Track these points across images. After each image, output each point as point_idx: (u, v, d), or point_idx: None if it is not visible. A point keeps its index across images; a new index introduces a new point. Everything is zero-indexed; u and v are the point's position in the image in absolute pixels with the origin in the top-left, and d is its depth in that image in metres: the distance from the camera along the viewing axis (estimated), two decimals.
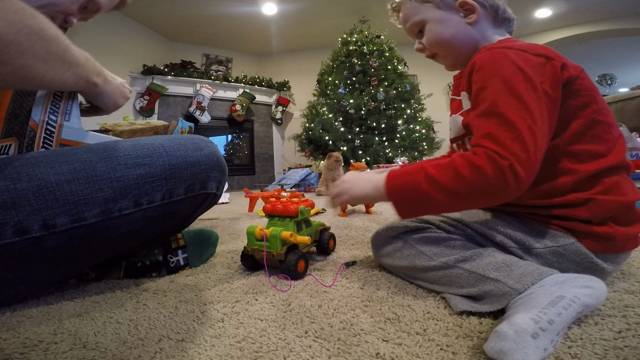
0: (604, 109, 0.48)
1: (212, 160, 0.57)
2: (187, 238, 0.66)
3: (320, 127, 3.38)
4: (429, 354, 0.32)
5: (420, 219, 0.55)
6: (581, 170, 0.45)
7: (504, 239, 0.48)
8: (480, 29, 0.54)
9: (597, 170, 0.45)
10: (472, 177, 0.40)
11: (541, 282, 0.38)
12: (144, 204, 0.49)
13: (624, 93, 2.09)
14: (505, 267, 0.42)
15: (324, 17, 4.06)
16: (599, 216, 0.44)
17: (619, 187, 0.45)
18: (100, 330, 0.39)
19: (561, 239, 0.46)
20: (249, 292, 0.51)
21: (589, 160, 0.46)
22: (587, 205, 0.44)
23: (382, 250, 0.57)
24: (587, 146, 0.46)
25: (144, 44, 4.02)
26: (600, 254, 0.45)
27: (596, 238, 0.45)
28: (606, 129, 0.47)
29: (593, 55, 5.56)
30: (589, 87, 0.47)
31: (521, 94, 0.42)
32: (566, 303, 0.33)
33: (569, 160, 0.46)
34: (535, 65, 0.44)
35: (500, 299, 0.39)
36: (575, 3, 3.91)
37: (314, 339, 0.36)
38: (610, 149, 0.46)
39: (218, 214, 1.57)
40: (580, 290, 0.35)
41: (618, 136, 0.48)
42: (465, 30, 0.54)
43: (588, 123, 0.46)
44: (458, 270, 0.45)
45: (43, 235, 0.42)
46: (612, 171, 0.45)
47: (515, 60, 0.44)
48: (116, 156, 0.47)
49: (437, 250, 0.49)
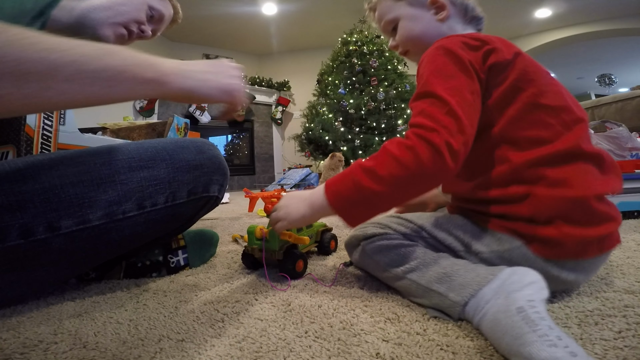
0: (549, 92, 0.45)
1: (215, 164, 0.57)
2: (187, 238, 0.66)
3: (320, 127, 3.39)
4: (429, 354, 0.32)
5: (378, 223, 0.52)
6: (519, 158, 0.42)
7: (454, 242, 0.47)
8: (450, 26, 0.56)
9: (538, 158, 0.41)
10: (407, 158, 0.40)
11: (482, 294, 0.36)
12: (147, 207, 0.49)
13: (624, 93, 2.09)
14: (447, 277, 0.41)
15: (324, 17, 4.06)
16: (543, 214, 0.40)
17: (570, 179, 0.40)
18: (100, 330, 0.39)
19: (506, 242, 0.42)
20: (249, 292, 0.51)
21: (528, 147, 0.43)
22: (528, 200, 0.41)
23: (353, 257, 0.56)
24: (527, 132, 0.43)
25: (144, 44, 4.01)
26: (552, 260, 0.40)
27: (543, 242, 0.40)
28: (551, 112, 0.44)
29: (593, 55, 5.56)
30: (527, 70, 0.45)
31: (451, 74, 0.44)
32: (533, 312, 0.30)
33: (507, 147, 0.44)
34: (467, 46, 0.46)
35: (449, 311, 0.39)
36: (575, 3, 3.91)
37: (314, 339, 0.36)
38: (557, 134, 0.42)
39: (218, 214, 1.57)
40: (526, 292, 0.34)
41: (573, 120, 0.44)
42: (436, 27, 0.56)
43: (526, 107, 0.44)
44: (407, 281, 0.44)
45: (48, 237, 0.42)
46: (561, 159, 0.41)
47: (448, 45, 0.46)
48: (120, 159, 0.47)
49: (388, 260, 0.47)
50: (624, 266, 0.54)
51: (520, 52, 0.48)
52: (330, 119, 3.39)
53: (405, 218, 0.53)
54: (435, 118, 0.41)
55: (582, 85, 7.37)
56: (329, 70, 3.69)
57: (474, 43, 0.47)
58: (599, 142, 1.15)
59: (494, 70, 0.46)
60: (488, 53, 0.46)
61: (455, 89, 0.43)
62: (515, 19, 4.32)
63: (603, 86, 6.32)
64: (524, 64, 0.46)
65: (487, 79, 0.46)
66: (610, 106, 2.09)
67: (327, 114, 3.44)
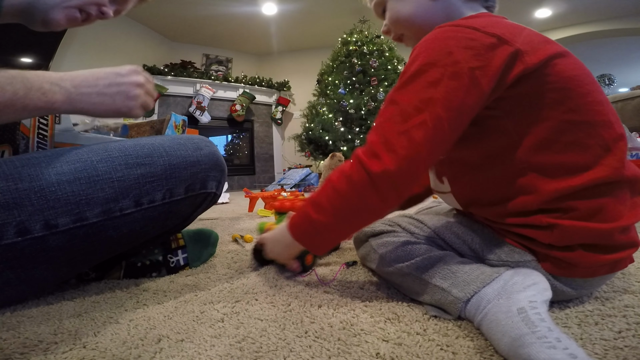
0: (586, 104, 0.37)
1: (212, 160, 0.57)
2: (186, 238, 0.66)
3: (320, 127, 3.39)
4: (429, 354, 0.32)
5: (388, 221, 0.52)
6: (548, 190, 0.36)
7: (462, 245, 0.46)
8: (445, 4, 0.47)
9: (571, 189, 0.35)
10: (343, 187, 0.37)
11: (484, 292, 0.36)
12: (144, 204, 0.49)
13: (624, 93, 2.09)
14: (451, 274, 0.40)
15: (324, 17, 4.06)
16: (564, 242, 0.37)
17: (602, 211, 0.35)
18: (100, 330, 0.39)
19: (517, 255, 0.40)
20: (249, 292, 0.51)
21: (561, 175, 0.36)
22: (551, 231, 0.36)
23: (359, 253, 0.57)
24: (559, 157, 0.36)
25: (144, 44, 4.02)
26: (561, 277, 0.38)
27: (556, 261, 0.38)
28: (591, 130, 0.36)
29: (593, 55, 5.56)
30: (562, 77, 0.37)
31: (434, 80, 0.36)
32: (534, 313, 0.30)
33: (535, 175, 0.37)
34: (476, 47, 0.36)
35: (450, 307, 0.38)
36: (575, 3, 3.91)
37: (314, 339, 0.36)
38: (595, 158, 0.36)
39: (218, 214, 1.57)
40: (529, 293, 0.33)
41: (613, 139, 0.36)
42: (426, 7, 0.47)
43: (560, 126, 0.36)
44: (411, 277, 0.44)
45: (45, 235, 0.42)
46: (597, 190, 0.35)
47: (449, 40, 0.37)
48: (117, 156, 0.47)
49: (394, 256, 0.47)
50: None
51: (556, 52, 0.37)
52: (330, 119, 3.39)
53: (415, 218, 0.53)
54: (385, 138, 0.36)
55: None
56: (329, 70, 3.69)
57: (487, 40, 0.36)
58: None
59: (523, 81, 0.36)
60: (510, 58, 0.35)
61: (430, 102, 0.35)
62: (515, 19, 4.26)
63: (603, 86, 6.32)
64: (560, 68, 0.37)
65: (507, 89, 0.37)
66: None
67: (327, 114, 3.44)
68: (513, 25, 0.39)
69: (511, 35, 0.37)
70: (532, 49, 0.36)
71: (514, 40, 0.36)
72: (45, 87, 0.42)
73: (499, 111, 0.38)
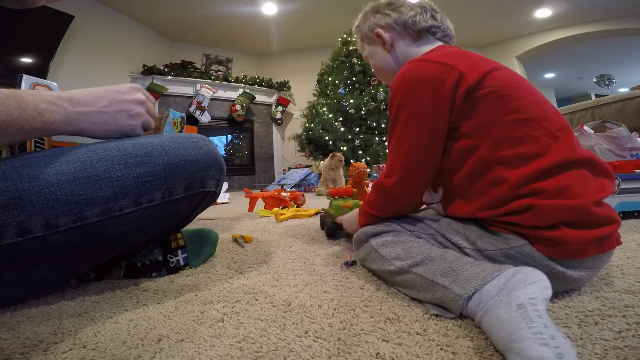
0: (524, 105, 0.45)
1: (211, 159, 0.57)
2: (186, 237, 0.66)
3: (320, 127, 3.39)
4: (429, 354, 0.32)
5: (387, 222, 0.56)
6: (515, 177, 0.42)
7: (460, 240, 0.48)
8: (399, 52, 0.60)
9: (533, 173, 0.42)
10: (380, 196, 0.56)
11: (486, 289, 0.37)
12: (144, 203, 0.49)
13: (624, 93, 2.09)
14: (452, 271, 0.41)
15: (324, 17, 4.06)
16: (546, 222, 0.41)
17: (568, 187, 0.40)
18: (100, 330, 0.39)
19: (511, 240, 0.43)
20: (249, 292, 0.51)
21: (522, 164, 0.43)
22: (531, 212, 0.41)
23: (359, 254, 0.58)
24: (516, 149, 0.43)
25: (144, 44, 4.02)
26: (555, 258, 0.41)
27: (546, 242, 0.41)
28: (535, 124, 0.44)
29: (593, 55, 5.57)
30: (498, 86, 0.46)
31: (406, 117, 0.49)
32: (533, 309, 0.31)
33: (500, 167, 0.44)
34: (429, 79, 0.47)
35: (451, 305, 0.39)
36: (575, 3, 3.92)
37: (314, 339, 0.36)
38: (546, 146, 0.43)
39: (218, 214, 1.57)
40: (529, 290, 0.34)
41: (556, 129, 0.44)
42: (386, 59, 0.62)
43: (508, 125, 0.44)
44: (412, 275, 0.45)
45: (45, 235, 0.42)
46: (557, 170, 0.41)
47: (411, 76, 0.49)
48: (116, 155, 0.47)
49: (394, 254, 0.48)
50: (624, 266, 0.54)
51: (491, 68, 0.47)
52: (330, 119, 3.39)
53: (414, 217, 0.56)
54: (391, 164, 0.52)
55: (582, 85, 7.37)
56: (329, 70, 3.69)
57: (438, 69, 0.47)
58: (599, 142, 1.15)
59: (467, 95, 0.46)
60: (456, 80, 0.46)
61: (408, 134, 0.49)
62: (515, 19, 4.32)
63: (602, 86, 6.32)
64: (496, 81, 0.46)
65: (460, 105, 0.46)
66: (610, 106, 2.09)
67: (327, 114, 3.44)
68: (460, 53, 0.51)
69: (455, 62, 0.47)
70: (472, 69, 0.47)
71: (457, 65, 0.47)
72: (42, 106, 0.41)
73: (460, 122, 0.48)
